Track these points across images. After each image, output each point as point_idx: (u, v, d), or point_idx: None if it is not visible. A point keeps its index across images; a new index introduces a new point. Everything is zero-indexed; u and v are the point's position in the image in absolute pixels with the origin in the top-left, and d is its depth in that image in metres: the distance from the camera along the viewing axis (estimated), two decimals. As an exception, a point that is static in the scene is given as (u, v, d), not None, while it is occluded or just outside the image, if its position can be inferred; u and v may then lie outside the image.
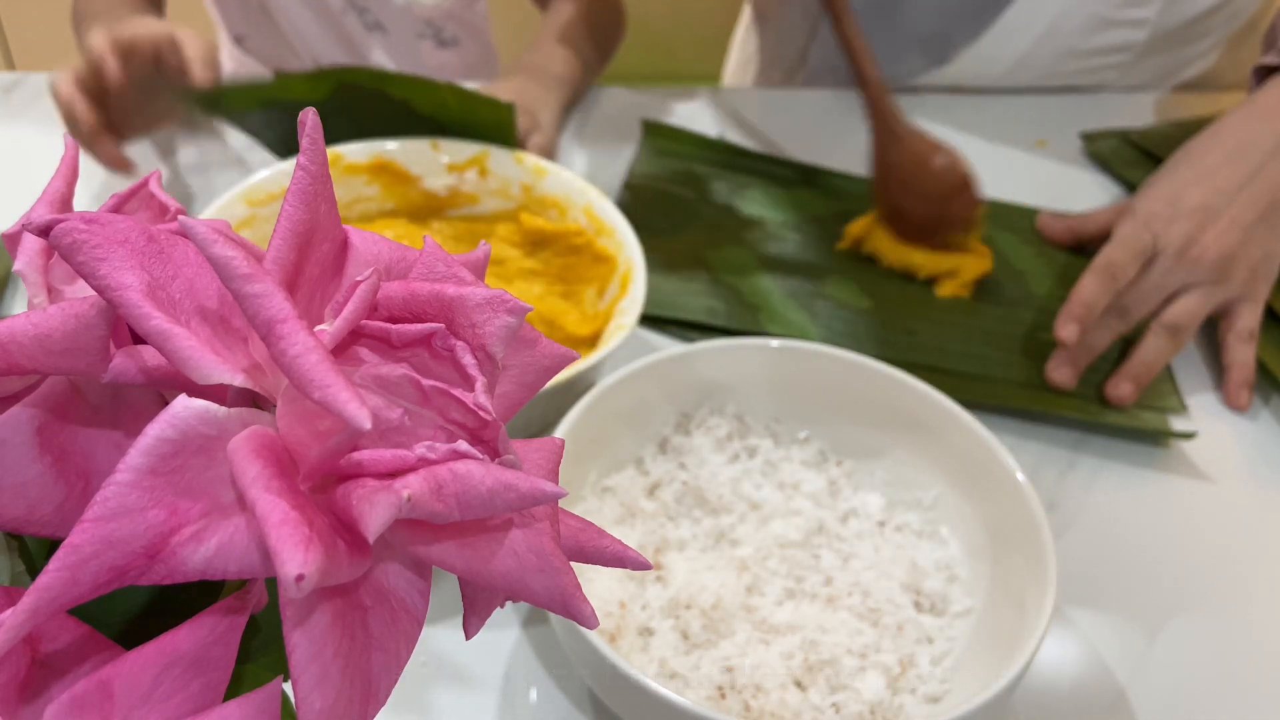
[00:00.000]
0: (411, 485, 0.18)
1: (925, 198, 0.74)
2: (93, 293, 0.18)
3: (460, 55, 1.03)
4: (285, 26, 1.00)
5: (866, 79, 0.75)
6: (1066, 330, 0.66)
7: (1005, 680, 0.43)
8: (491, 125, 0.71)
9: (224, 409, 0.18)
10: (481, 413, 0.19)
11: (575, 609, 0.20)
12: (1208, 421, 0.68)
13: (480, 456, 0.19)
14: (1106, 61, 0.95)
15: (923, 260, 0.76)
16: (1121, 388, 0.67)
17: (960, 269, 0.76)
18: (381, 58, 1.02)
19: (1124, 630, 0.56)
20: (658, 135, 0.89)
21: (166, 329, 0.18)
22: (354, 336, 0.20)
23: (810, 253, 0.78)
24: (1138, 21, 0.91)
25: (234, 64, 1.06)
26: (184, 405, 0.18)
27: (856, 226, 0.79)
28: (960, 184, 0.74)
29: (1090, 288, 0.67)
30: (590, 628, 0.21)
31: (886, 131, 0.75)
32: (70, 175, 0.23)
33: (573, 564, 0.21)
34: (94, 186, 0.79)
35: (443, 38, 1.01)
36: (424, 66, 1.02)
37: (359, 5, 0.97)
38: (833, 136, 0.91)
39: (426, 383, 0.19)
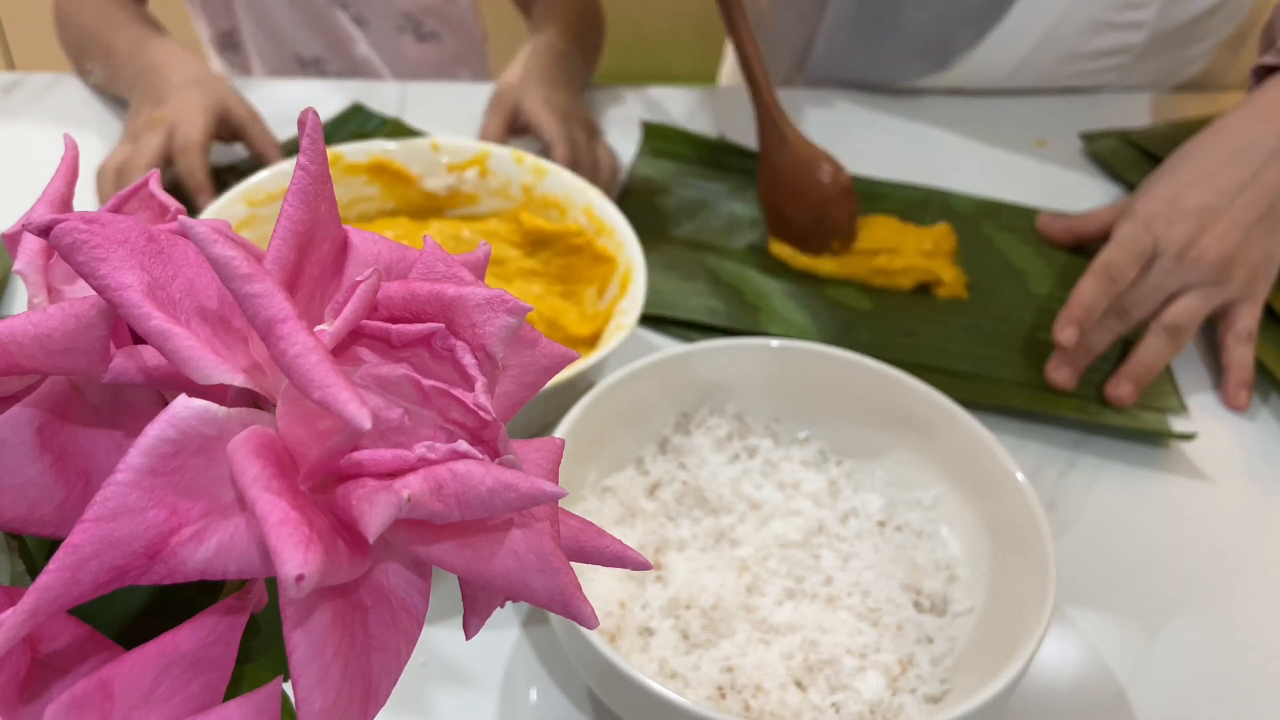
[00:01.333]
0: (411, 485, 0.18)
1: (808, 203, 0.76)
2: (93, 293, 0.18)
3: (441, 49, 1.03)
4: (268, 21, 1.00)
5: (757, 84, 0.76)
6: (1065, 334, 0.66)
7: (1005, 680, 0.43)
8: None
9: (224, 409, 0.18)
10: (481, 413, 0.19)
11: (575, 609, 0.20)
12: (1207, 422, 0.68)
13: (480, 456, 0.19)
14: (1105, 64, 0.95)
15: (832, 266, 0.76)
16: (1121, 388, 0.67)
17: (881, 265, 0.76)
18: (366, 51, 1.02)
19: (1124, 630, 0.56)
20: (658, 135, 0.89)
21: (166, 329, 0.18)
22: (354, 336, 0.20)
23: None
24: (1136, 24, 0.91)
25: (219, 67, 1.07)
26: (184, 405, 0.18)
27: (779, 247, 0.78)
28: (841, 192, 0.75)
29: (1090, 290, 0.67)
30: (590, 628, 0.21)
31: (776, 136, 0.76)
32: (70, 175, 0.23)
33: (573, 564, 0.21)
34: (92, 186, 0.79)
35: (422, 32, 1.01)
36: (405, 59, 1.02)
37: (341, 1, 0.98)
38: (833, 136, 0.91)
39: (426, 383, 0.19)
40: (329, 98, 0.91)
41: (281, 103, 0.90)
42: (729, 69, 1.16)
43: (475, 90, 0.93)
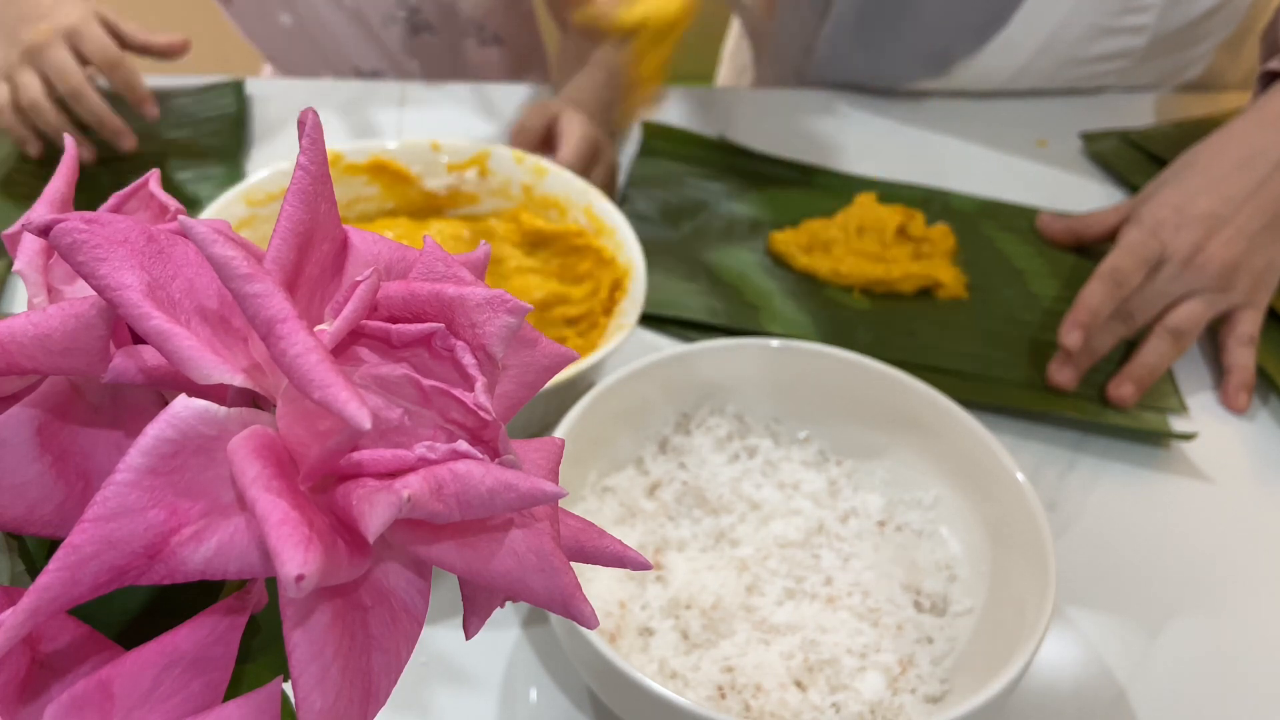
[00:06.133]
0: (411, 485, 0.18)
1: None
2: (93, 293, 0.18)
3: (503, 53, 1.03)
4: (323, 41, 1.00)
5: None
6: (1071, 338, 0.66)
7: (1005, 680, 0.43)
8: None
9: (224, 409, 0.18)
10: (481, 413, 0.19)
11: (575, 609, 0.20)
12: (1208, 422, 0.68)
13: (480, 456, 0.19)
14: (1107, 68, 0.95)
15: (856, 271, 0.75)
16: (1123, 389, 0.67)
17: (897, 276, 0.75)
18: (415, 68, 1.02)
19: (1124, 630, 0.56)
20: (658, 135, 0.89)
21: (166, 329, 0.18)
22: (354, 336, 0.20)
23: (810, 253, 0.78)
24: (1137, 28, 0.91)
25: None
26: (184, 405, 0.18)
27: (781, 239, 0.78)
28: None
29: (1096, 294, 0.67)
30: (590, 628, 0.21)
31: None
32: (70, 175, 0.23)
33: (573, 564, 0.21)
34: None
35: (483, 36, 1.01)
36: (466, 64, 1.02)
37: (411, 5, 0.97)
38: (833, 136, 0.92)
39: (426, 383, 0.19)
40: (332, 94, 0.92)
41: (285, 95, 0.90)
42: (722, 80, 1.16)
43: (472, 91, 0.93)
